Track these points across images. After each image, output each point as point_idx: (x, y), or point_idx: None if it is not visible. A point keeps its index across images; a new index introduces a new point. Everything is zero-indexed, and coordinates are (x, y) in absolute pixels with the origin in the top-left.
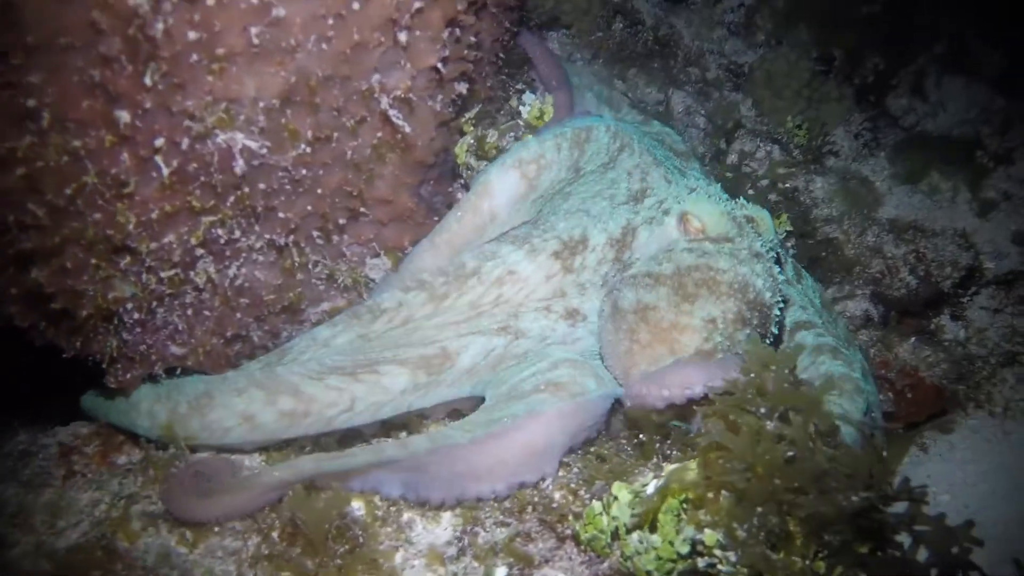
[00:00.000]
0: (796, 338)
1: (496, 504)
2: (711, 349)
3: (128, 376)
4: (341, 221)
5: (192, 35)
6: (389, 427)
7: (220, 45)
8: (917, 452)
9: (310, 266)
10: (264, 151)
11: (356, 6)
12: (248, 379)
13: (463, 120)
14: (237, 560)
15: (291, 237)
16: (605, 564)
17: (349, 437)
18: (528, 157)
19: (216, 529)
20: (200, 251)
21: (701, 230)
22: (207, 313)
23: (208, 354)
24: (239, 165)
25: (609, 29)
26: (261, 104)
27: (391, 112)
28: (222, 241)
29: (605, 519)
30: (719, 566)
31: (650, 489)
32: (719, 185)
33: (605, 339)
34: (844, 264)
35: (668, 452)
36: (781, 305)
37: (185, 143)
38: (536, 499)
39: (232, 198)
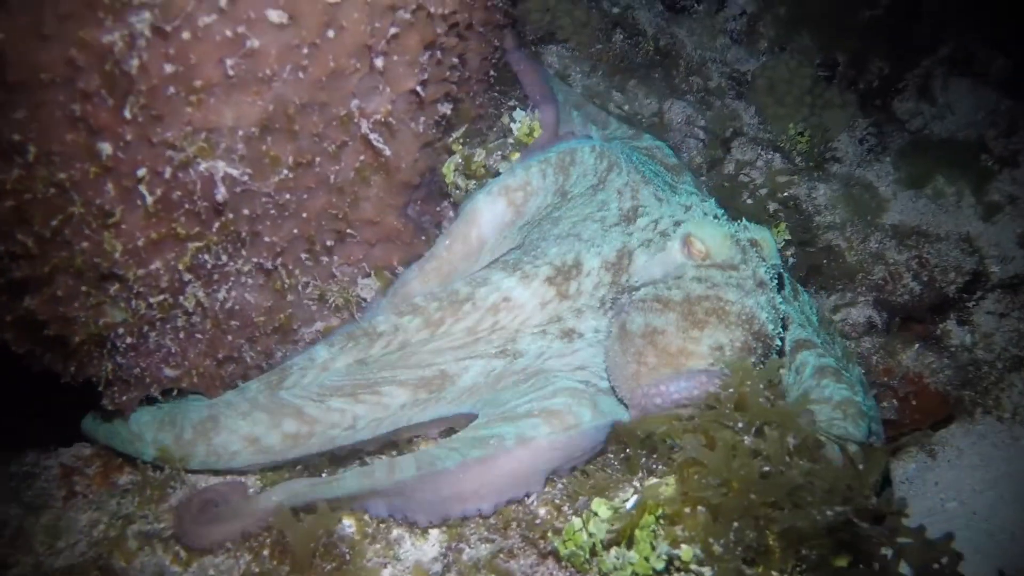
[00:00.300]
0: (797, 359)
1: (481, 521)
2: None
3: (124, 398)
4: (329, 243)
5: (168, 68)
6: (384, 444)
7: (197, 77)
8: (925, 458)
9: (300, 287)
10: (246, 178)
11: (331, 34)
12: (252, 403)
13: (451, 140)
14: (224, 573)
15: (279, 260)
16: None
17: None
18: (514, 184)
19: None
20: (188, 276)
21: (706, 254)
22: (199, 336)
23: (202, 376)
24: (221, 192)
25: (609, 41)
26: (240, 133)
27: (372, 136)
28: (209, 266)
29: (584, 535)
30: None
31: (629, 505)
32: (713, 200)
33: (612, 360)
34: (846, 271)
35: (654, 467)
36: (782, 336)
37: (167, 172)
38: (520, 515)
39: (217, 224)
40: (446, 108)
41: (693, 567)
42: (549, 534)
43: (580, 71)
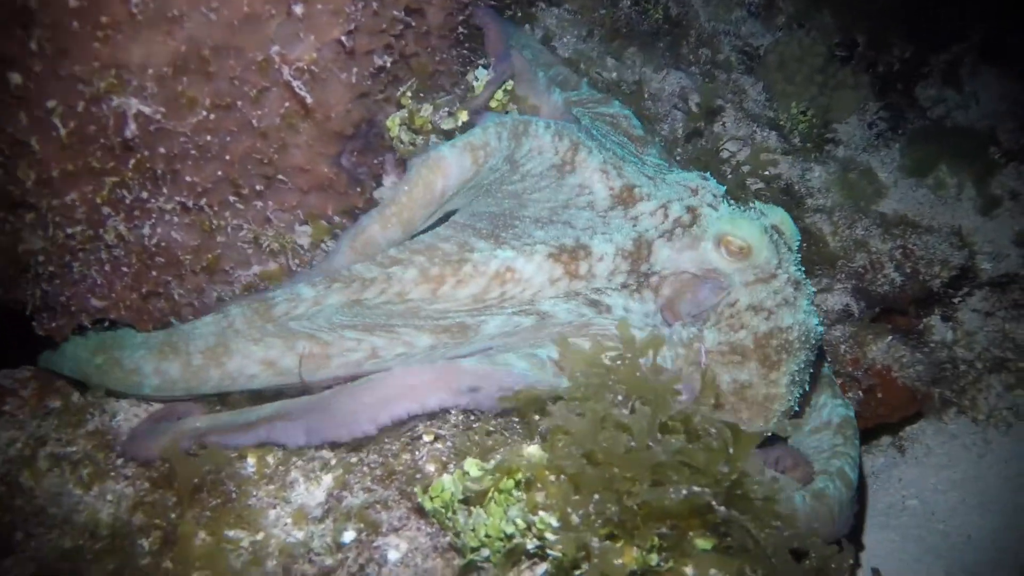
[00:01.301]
0: None
1: (368, 471)
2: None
3: (54, 325)
4: (258, 187)
5: (72, 3)
6: None
7: (102, 13)
8: (895, 453)
9: (230, 229)
10: (159, 116)
11: None
12: (261, 330)
13: (399, 93)
14: (119, 505)
15: (203, 200)
16: (448, 538)
17: None
18: (477, 143)
19: (112, 474)
20: (107, 210)
21: (747, 251)
22: (124, 269)
23: (129, 308)
24: (130, 129)
25: (615, 6)
26: (151, 71)
27: (295, 83)
28: (128, 201)
29: (448, 493)
30: (548, 549)
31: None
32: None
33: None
34: (827, 257)
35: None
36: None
37: (80, 106)
38: (405, 468)
39: (132, 160)
40: (384, 60)
41: (548, 535)
42: (417, 489)
43: (576, 35)
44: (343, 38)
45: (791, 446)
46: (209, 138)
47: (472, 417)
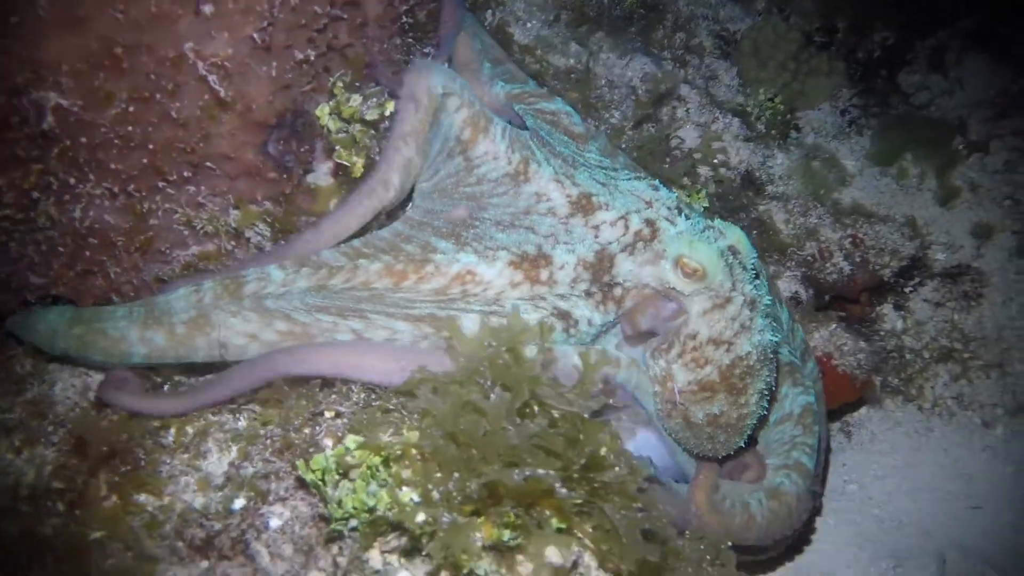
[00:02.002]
0: None
1: (270, 443)
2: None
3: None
4: (186, 174)
5: None
6: None
7: (12, 14)
8: (842, 439)
9: (161, 213)
10: (77, 109)
11: None
12: (238, 305)
13: (331, 82)
14: (42, 469)
15: (130, 186)
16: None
17: None
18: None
19: (42, 440)
20: (36, 194)
21: (701, 274)
22: (61, 249)
23: (67, 285)
24: (47, 121)
25: None
26: (65, 68)
27: (210, 78)
28: (55, 187)
29: (325, 466)
30: (406, 523)
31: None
32: (645, 180)
33: (688, 443)
34: (778, 245)
35: None
36: (777, 338)
37: (2, 99)
38: (303, 441)
39: (55, 149)
40: (307, 54)
41: (408, 510)
42: (299, 461)
43: (542, 20)
44: (255, 35)
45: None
46: (130, 128)
47: (374, 396)
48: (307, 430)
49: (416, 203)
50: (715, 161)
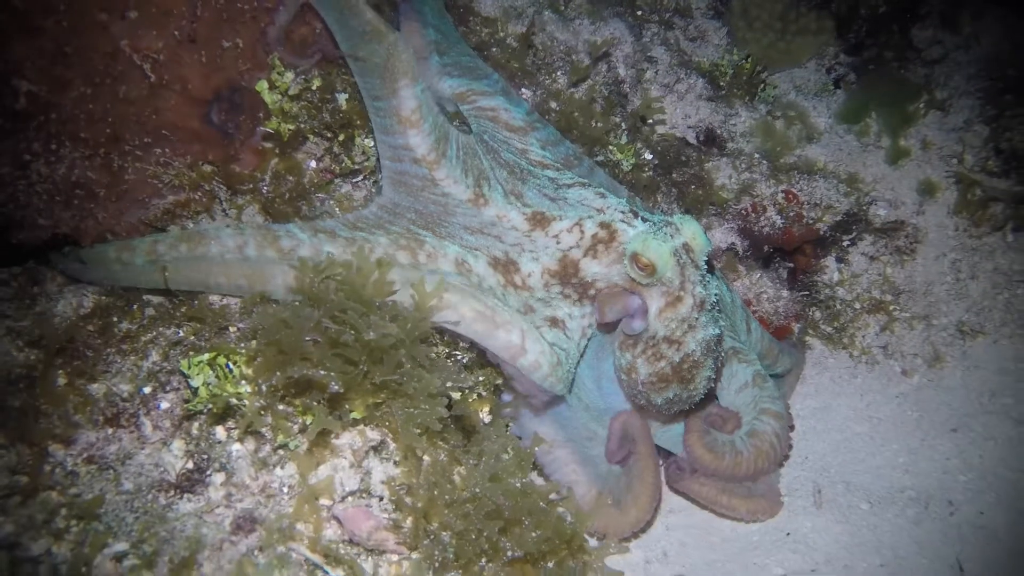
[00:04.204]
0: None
1: (186, 341)
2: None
3: (20, 237)
4: (147, 140)
5: None
6: None
7: None
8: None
9: (132, 170)
10: (43, 93)
11: None
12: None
13: (270, 59)
14: (29, 357)
15: (101, 150)
16: None
17: None
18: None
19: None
20: (27, 157)
21: (652, 268)
22: (57, 199)
23: (68, 226)
24: (20, 103)
25: None
26: (29, 63)
27: (144, 67)
28: (40, 151)
29: (197, 363)
30: (243, 405)
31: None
32: (599, 181)
33: (650, 408)
34: (719, 200)
35: None
36: (721, 329)
37: None
38: (206, 347)
39: (34, 123)
40: (234, 41)
41: (245, 397)
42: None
43: None
44: (176, 32)
45: (721, 405)
46: (90, 106)
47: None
48: (216, 340)
49: (385, 192)
50: (651, 121)
